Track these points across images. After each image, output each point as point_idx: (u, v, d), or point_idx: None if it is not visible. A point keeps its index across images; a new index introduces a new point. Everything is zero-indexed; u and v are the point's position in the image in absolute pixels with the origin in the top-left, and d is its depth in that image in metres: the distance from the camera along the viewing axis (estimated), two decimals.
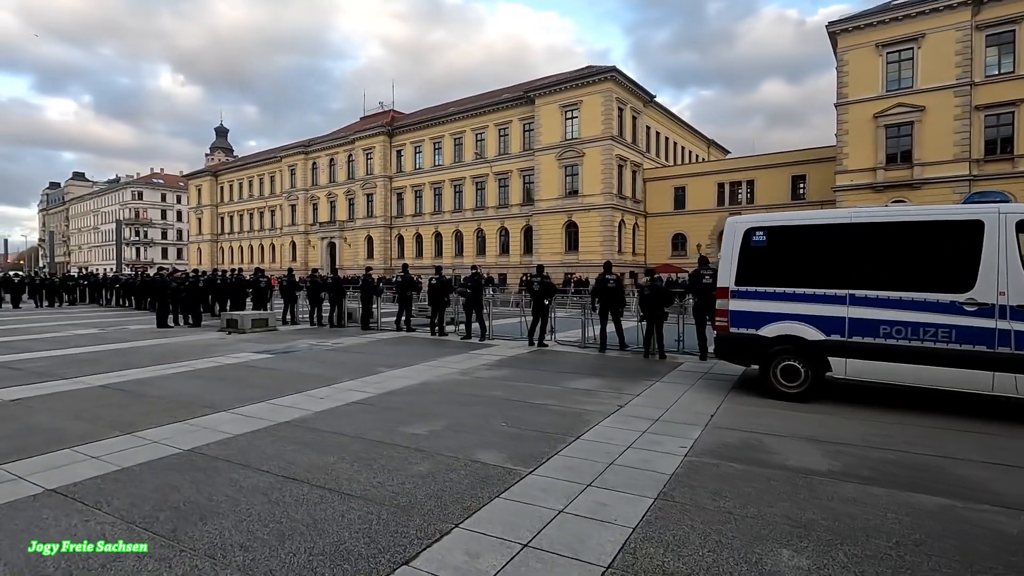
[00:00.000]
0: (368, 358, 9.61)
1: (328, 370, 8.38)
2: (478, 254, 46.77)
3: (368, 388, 7.02)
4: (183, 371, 8.30)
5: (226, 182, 71.26)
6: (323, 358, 9.65)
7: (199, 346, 11.17)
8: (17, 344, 11.55)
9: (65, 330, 14.32)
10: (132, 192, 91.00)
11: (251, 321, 13.41)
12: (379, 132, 52.36)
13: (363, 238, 53.95)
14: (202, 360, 9.34)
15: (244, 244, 67.73)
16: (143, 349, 10.71)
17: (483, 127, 46.36)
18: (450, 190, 48.83)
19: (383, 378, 7.72)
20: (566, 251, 41.17)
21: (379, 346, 11.29)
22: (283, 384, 7.25)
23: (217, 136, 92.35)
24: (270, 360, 9.36)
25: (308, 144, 59.40)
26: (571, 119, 40.74)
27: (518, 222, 44.68)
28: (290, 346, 11.12)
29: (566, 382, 7.48)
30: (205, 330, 14.27)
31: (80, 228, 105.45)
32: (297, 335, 13.22)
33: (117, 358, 9.61)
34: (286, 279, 15.82)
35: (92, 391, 6.92)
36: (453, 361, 9.21)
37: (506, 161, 44.99)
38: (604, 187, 39.01)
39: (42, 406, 6.16)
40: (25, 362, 9.21)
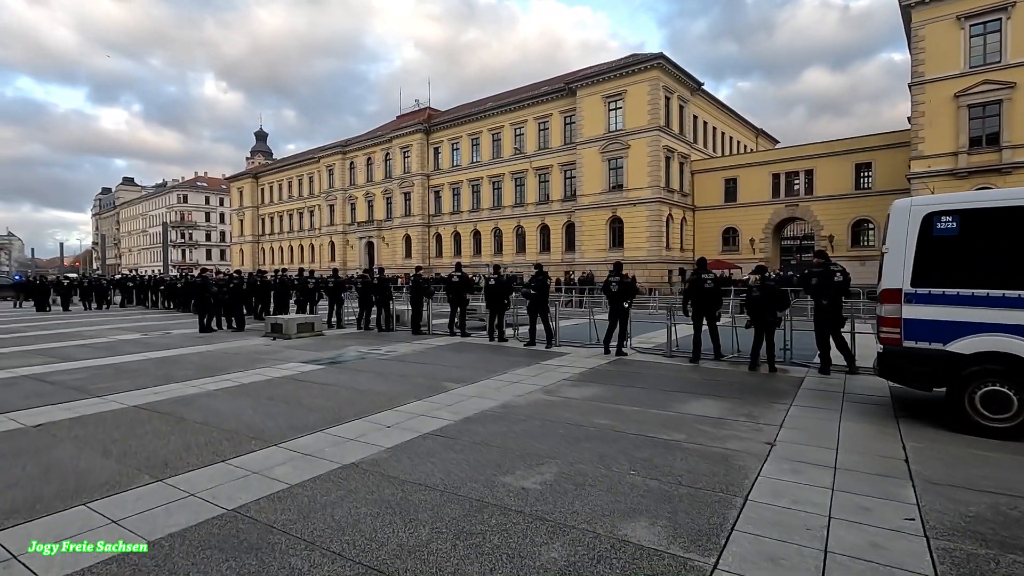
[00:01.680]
0: (429, 370, 8.48)
1: (389, 386, 7.28)
2: (517, 252, 45.63)
3: (441, 412, 5.86)
4: (227, 387, 7.34)
5: (266, 184, 72.13)
6: (380, 369, 8.58)
7: (243, 354, 10.29)
8: (58, 351, 10.92)
9: (108, 335, 13.77)
10: (178, 195, 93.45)
11: (297, 326, 12.53)
12: (416, 130, 51.73)
13: (401, 237, 53.49)
14: (247, 372, 8.39)
15: (284, 245, 68.38)
16: (185, 358, 9.88)
17: (522, 121, 45.12)
18: (488, 187, 47.79)
19: (454, 398, 6.56)
20: (610, 247, 39.55)
21: (437, 355, 10.18)
22: (341, 406, 6.17)
23: (257, 140, 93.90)
24: (322, 373, 8.34)
25: (346, 144, 59.33)
26: (615, 110, 39.09)
27: (559, 218, 43.30)
28: (340, 354, 10.12)
29: (678, 405, 6.17)
30: (249, 335, 13.50)
31: (130, 231, 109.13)
32: (345, 341, 12.26)
33: (158, 369, 8.77)
34: (331, 279, 14.93)
35: (127, 413, 5.98)
36: (527, 375, 7.99)
37: (546, 156, 43.64)
38: (651, 180, 37.23)
39: (68, 434, 5.23)
40: (62, 374, 8.44)
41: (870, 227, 35.17)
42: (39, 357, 10.19)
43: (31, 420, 5.74)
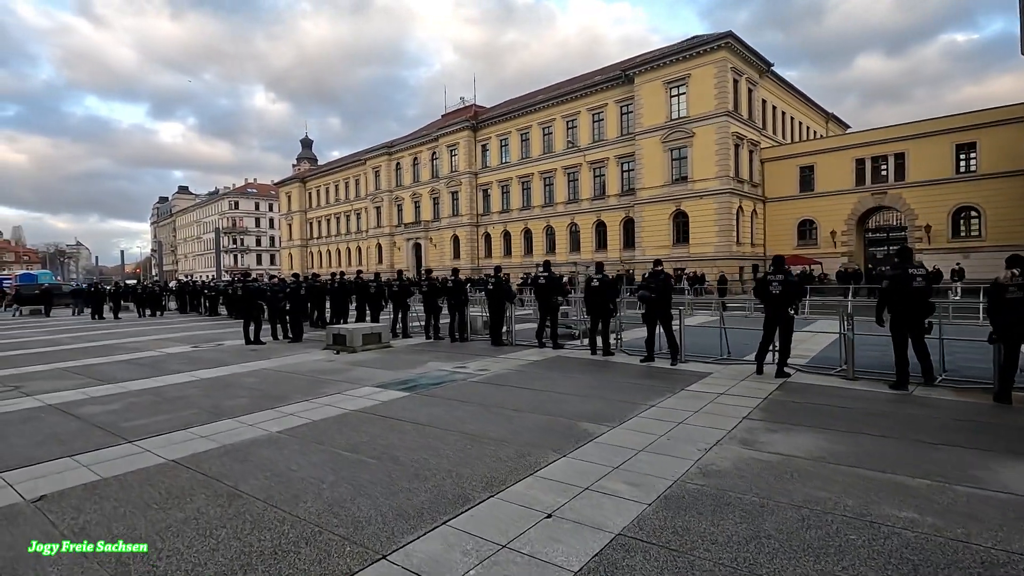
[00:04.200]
0: (544, 400, 6.52)
1: (504, 427, 5.35)
2: (572, 250, 43.45)
3: (613, 483, 3.88)
4: (292, 427, 5.57)
5: (313, 188, 72.38)
6: (480, 398, 6.67)
7: (304, 375, 8.60)
8: (97, 370, 9.53)
9: (156, 347, 12.45)
10: (229, 202, 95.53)
11: (362, 337, 10.83)
12: (463, 127, 50.27)
13: (449, 238, 52.14)
14: (313, 402, 6.64)
15: (331, 248, 68.34)
16: (237, 380, 8.25)
17: (574, 113, 42.92)
18: (539, 183, 45.79)
19: (611, 453, 4.56)
20: (674, 244, 36.88)
21: (539, 375, 8.22)
22: (455, 466, 4.27)
23: (303, 147, 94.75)
24: (408, 404, 6.50)
25: (391, 145, 58.53)
26: (677, 96, 36.41)
27: (616, 214, 40.87)
28: (421, 374, 8.29)
29: (988, 474, 3.96)
30: (307, 347, 11.92)
31: (185, 238, 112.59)
32: (419, 355, 10.46)
33: (205, 396, 7.13)
34: (396, 283, 13.20)
35: (160, 477, 4.25)
36: (684, 409, 5.92)
37: (601, 148, 41.30)
38: (719, 170, 34.39)
39: (72, 518, 3.52)
40: (94, 403, 6.91)
41: (974, 215, 31.34)
42: (74, 378, 8.78)
43: (32, 489, 4.06)
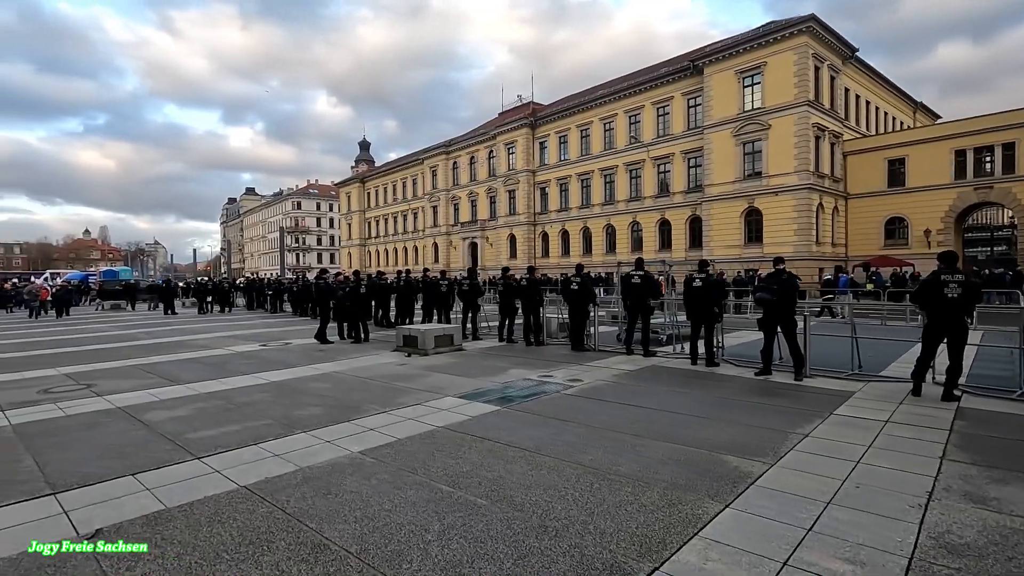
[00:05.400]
0: (661, 420, 5.50)
1: (631, 460, 4.36)
2: (633, 250, 41.75)
3: (835, 565, 2.83)
4: (375, 447, 4.79)
5: (372, 188, 73.57)
6: (584, 417, 5.71)
7: (378, 381, 7.90)
8: (165, 368, 9.21)
9: (223, 345, 12.19)
10: (292, 203, 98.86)
11: (434, 338, 10.09)
12: (521, 125, 49.48)
13: (505, 237, 51.48)
14: (394, 415, 5.87)
15: (389, 247, 69.20)
16: (308, 386, 7.63)
17: (638, 108, 41.26)
18: (600, 181, 44.36)
19: (798, 507, 3.50)
20: (746, 243, 34.69)
21: (640, 388, 7.18)
22: (591, 514, 3.33)
23: (361, 150, 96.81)
24: (501, 421, 5.62)
25: (449, 144, 58.51)
26: (751, 86, 34.20)
27: (682, 212, 38.95)
28: (505, 384, 7.41)
29: None
30: (375, 347, 11.32)
31: (251, 237, 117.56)
32: (496, 360, 9.62)
33: (275, 403, 6.51)
34: (467, 281, 12.43)
35: (228, 507, 3.53)
36: (853, 443, 4.76)
37: (666, 143, 39.48)
38: (798, 164, 32.00)
39: (127, 569, 2.78)
40: (161, 407, 6.41)
41: None
42: (144, 377, 8.44)
43: (87, 519, 3.41)
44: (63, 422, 5.86)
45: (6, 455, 4.73)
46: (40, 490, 3.91)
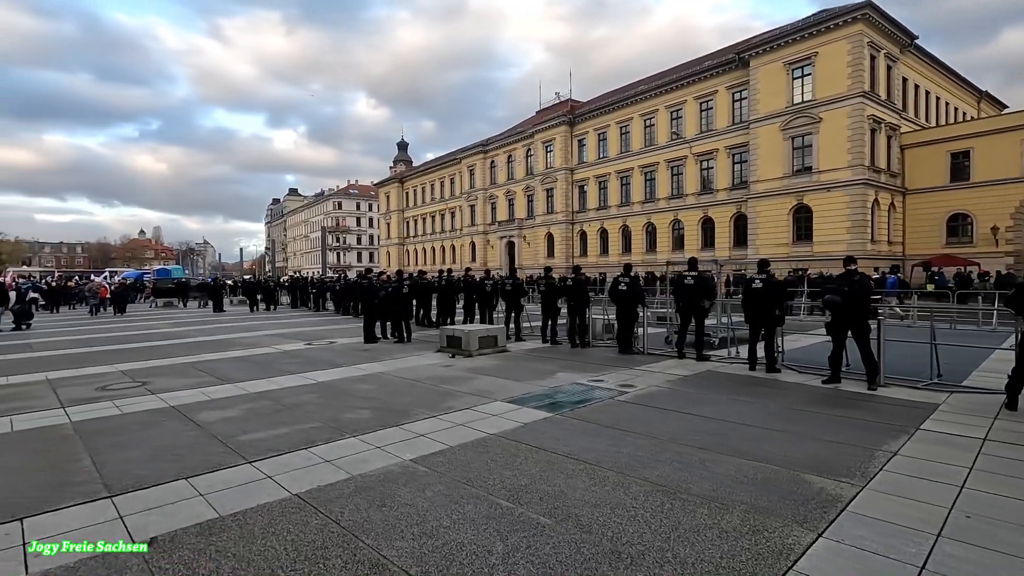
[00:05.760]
0: (727, 432, 5.14)
1: (703, 478, 4.04)
2: (675, 248, 40.83)
3: None
4: (425, 453, 4.62)
5: (410, 188, 74.42)
6: (644, 427, 5.41)
7: (424, 383, 7.77)
8: (215, 367, 9.34)
9: (270, 344, 12.35)
10: (333, 203, 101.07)
11: (478, 339, 9.91)
12: (559, 122, 49.03)
13: (543, 236, 51.17)
14: (443, 420, 5.70)
15: (427, 246, 69.84)
16: (354, 388, 7.55)
17: (680, 103, 40.25)
18: (640, 178, 43.51)
19: (903, 539, 3.13)
20: (794, 241, 33.35)
21: (698, 395, 6.80)
22: (667, 539, 3.07)
23: (399, 150, 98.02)
24: (555, 429, 5.37)
25: (487, 143, 58.56)
26: (801, 78, 32.83)
27: (726, 209, 37.79)
28: (555, 388, 7.15)
29: None
30: (418, 347, 11.24)
31: (294, 237, 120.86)
32: (541, 362, 9.37)
33: (323, 406, 6.44)
34: (510, 281, 12.22)
35: (282, 517, 3.40)
36: (949, 463, 4.30)
37: (710, 139, 38.38)
38: (852, 158, 30.54)
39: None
40: (212, 407, 6.43)
41: None
42: (195, 375, 8.56)
43: (142, 525, 3.34)
44: (119, 420, 5.92)
45: (66, 454, 4.77)
46: (97, 492, 3.88)
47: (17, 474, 4.31)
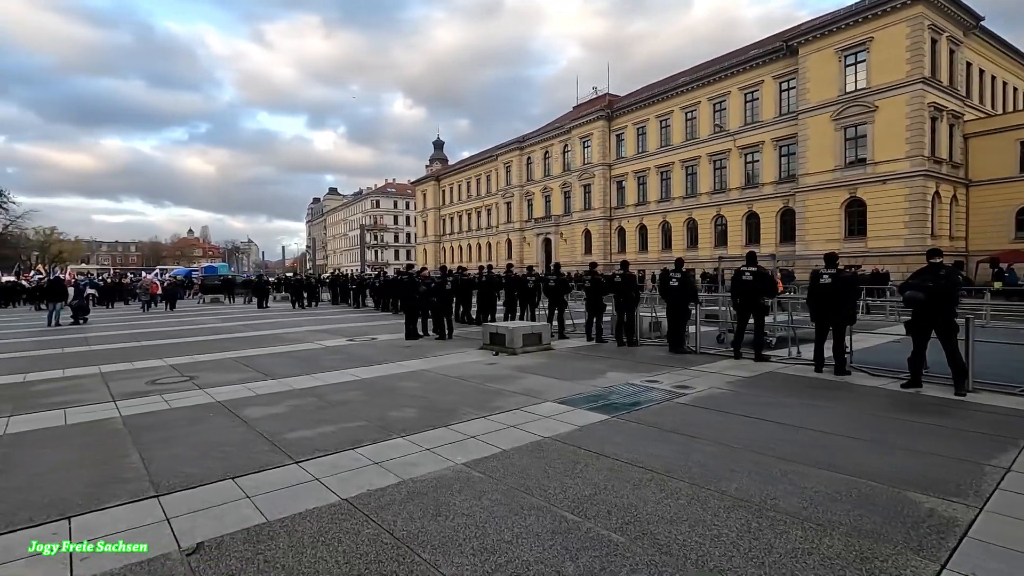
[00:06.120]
0: (808, 441, 4.69)
1: (791, 493, 3.64)
2: (717, 245, 39.67)
3: None
4: (478, 457, 4.37)
5: (447, 186, 74.81)
6: (712, 433, 5.01)
7: (469, 381, 7.53)
8: (260, 362, 9.34)
9: (313, 340, 12.38)
10: (371, 202, 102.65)
11: (522, 337, 9.62)
12: (597, 117, 48.27)
13: (580, 232, 50.55)
14: (492, 422, 5.42)
15: (463, 243, 70.07)
16: (398, 386, 7.37)
17: (723, 94, 38.98)
18: (680, 173, 42.40)
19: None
20: (846, 237, 31.81)
21: (764, 398, 6.33)
22: (763, 565, 2.69)
23: (435, 149, 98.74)
24: (613, 433, 5.04)
25: (523, 139, 58.24)
26: (854, 65, 31.25)
27: (772, 204, 36.41)
28: (607, 388, 6.78)
29: None
30: (459, 344, 11.04)
31: (334, 235, 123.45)
32: (587, 360, 9.02)
33: (368, 403, 6.26)
34: (554, 277, 11.88)
35: (332, 525, 3.18)
36: None
37: (755, 131, 37.03)
38: (910, 148, 28.86)
39: None
40: (257, 403, 6.35)
41: None
42: (241, 370, 8.55)
43: (189, 529, 3.17)
44: (168, 415, 5.88)
45: (115, 449, 4.71)
46: (144, 491, 3.76)
47: (68, 469, 4.25)
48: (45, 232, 79.23)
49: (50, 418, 5.82)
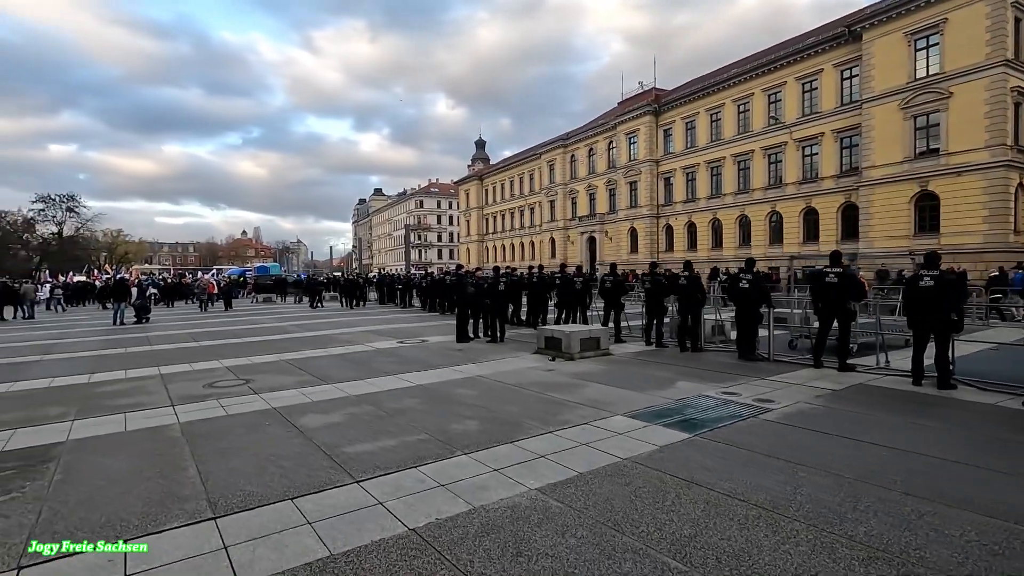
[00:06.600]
0: (936, 472, 4.08)
1: (944, 547, 3.07)
2: (771, 243, 37.98)
3: None
4: (553, 481, 3.97)
5: (490, 185, 74.81)
6: (817, 459, 4.42)
7: (528, 389, 7.14)
8: (315, 364, 9.24)
9: (364, 341, 12.28)
10: (415, 202, 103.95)
11: (579, 341, 9.16)
12: (643, 112, 47.08)
13: (626, 230, 49.46)
14: (560, 438, 5.02)
15: (506, 242, 69.89)
16: (455, 393, 7.06)
17: (778, 85, 37.23)
18: (732, 168, 40.79)
19: None
20: (916, 233, 29.74)
21: (862, 415, 5.68)
22: None
23: (477, 148, 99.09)
24: (700, 455, 4.55)
25: (567, 137, 57.53)
26: (926, 49, 29.16)
27: (832, 199, 34.50)
28: (680, 401, 6.24)
29: None
30: (512, 348, 10.67)
31: (379, 235, 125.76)
32: (650, 366, 8.48)
33: (428, 414, 5.95)
34: (610, 278, 11.34)
35: (401, 562, 2.85)
36: None
37: (813, 123, 35.18)
38: (990, 137, 26.69)
39: None
40: (314, 411, 6.15)
41: None
42: (296, 373, 8.45)
43: (248, 561, 2.89)
44: (224, 423, 5.75)
45: (173, 461, 4.56)
46: (201, 512, 3.54)
47: (126, 482, 4.10)
48: (113, 234, 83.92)
49: (111, 423, 5.78)
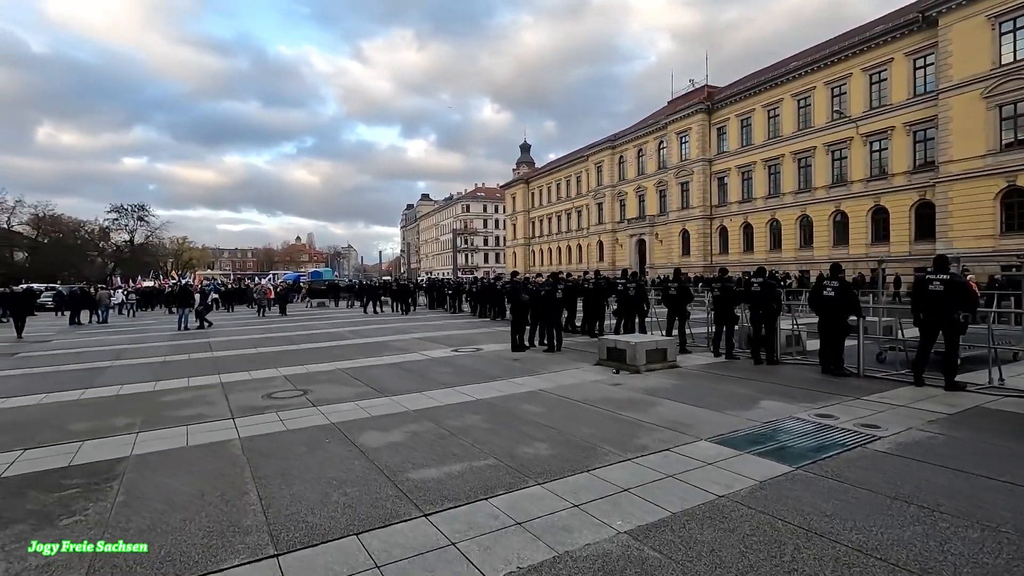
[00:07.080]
0: None
1: None
2: (836, 244, 35.89)
3: None
4: (643, 524, 3.53)
5: (536, 188, 74.45)
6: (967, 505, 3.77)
7: (595, 405, 6.67)
8: (371, 374, 9.05)
9: (417, 349, 12.09)
10: (461, 206, 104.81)
11: (645, 353, 8.60)
12: (696, 111, 45.59)
13: (677, 232, 48.00)
14: (642, 467, 4.53)
15: (553, 246, 69.31)
16: (519, 409, 6.66)
17: (843, 77, 35.20)
18: (792, 166, 38.85)
19: None
20: (1003, 232, 27.37)
21: (1002, 447, 4.92)
22: None
23: (521, 152, 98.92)
24: (813, 496, 3.99)
25: (615, 138, 56.50)
26: (1012, 32, 26.86)
27: (905, 197, 32.25)
28: (769, 425, 5.62)
29: None
30: (571, 358, 10.21)
31: (426, 240, 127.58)
32: (724, 381, 7.84)
33: (492, 435, 5.57)
34: (673, 284, 10.70)
35: None
36: None
37: (883, 116, 33.01)
38: None
39: None
40: (374, 425, 5.88)
41: None
42: (353, 384, 8.29)
43: None
44: (284, 438, 5.56)
45: (234, 483, 4.35)
46: (263, 547, 3.27)
47: (188, 507, 3.90)
48: (179, 241, 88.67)
49: (174, 436, 5.70)
